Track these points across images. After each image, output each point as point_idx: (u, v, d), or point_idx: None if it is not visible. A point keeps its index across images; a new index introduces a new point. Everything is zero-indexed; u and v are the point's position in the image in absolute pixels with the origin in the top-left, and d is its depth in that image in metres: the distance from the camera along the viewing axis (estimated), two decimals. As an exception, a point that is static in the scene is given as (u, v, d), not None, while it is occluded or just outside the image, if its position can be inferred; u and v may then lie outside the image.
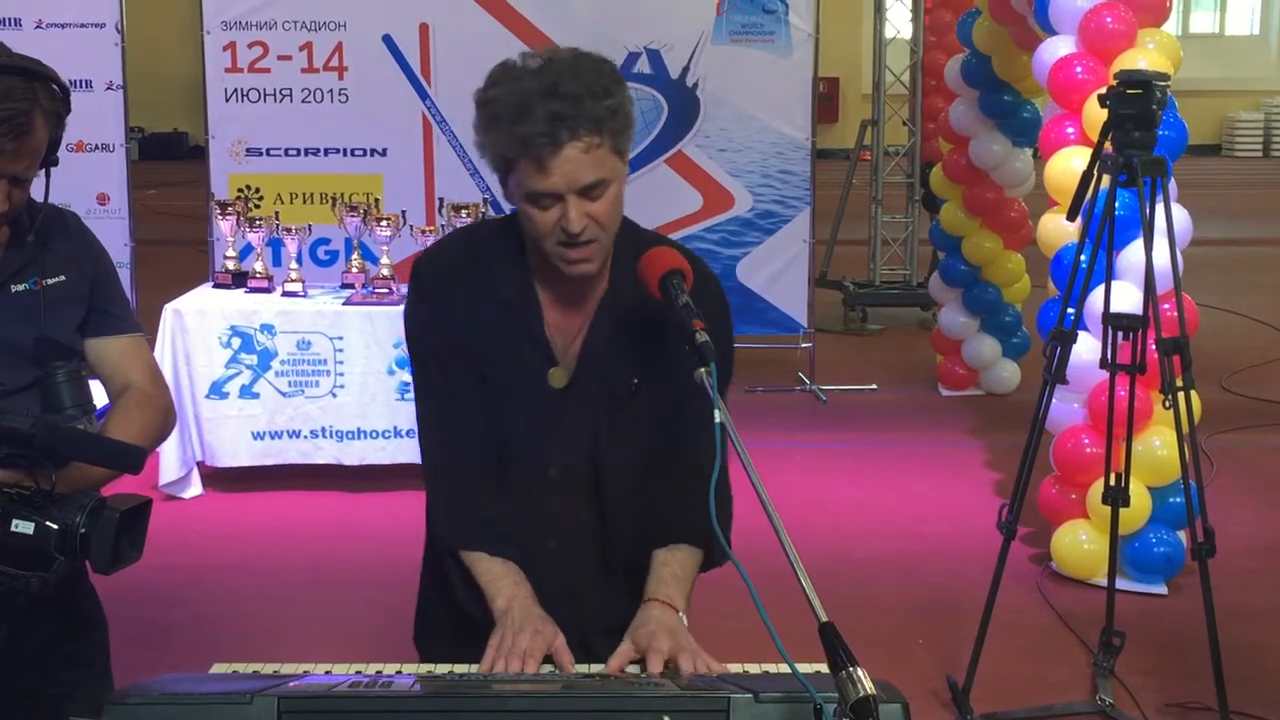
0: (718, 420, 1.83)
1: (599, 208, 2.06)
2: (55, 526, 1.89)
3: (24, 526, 1.88)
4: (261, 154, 7.12)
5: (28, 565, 1.91)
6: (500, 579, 2.18)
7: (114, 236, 6.71)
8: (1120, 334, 3.94)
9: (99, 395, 2.30)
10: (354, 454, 5.83)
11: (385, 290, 5.91)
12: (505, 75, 2.05)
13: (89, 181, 6.88)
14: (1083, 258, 3.97)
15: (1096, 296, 4.13)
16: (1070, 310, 3.98)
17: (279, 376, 5.79)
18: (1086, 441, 4.87)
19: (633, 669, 2.05)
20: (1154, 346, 3.85)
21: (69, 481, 1.99)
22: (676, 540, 2.22)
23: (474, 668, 2.08)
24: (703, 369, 1.89)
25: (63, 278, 2.25)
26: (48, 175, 2.19)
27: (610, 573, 2.29)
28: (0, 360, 2.17)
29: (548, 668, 2.07)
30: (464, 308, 2.20)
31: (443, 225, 6.05)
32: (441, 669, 2.02)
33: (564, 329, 2.22)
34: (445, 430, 2.26)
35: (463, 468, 2.24)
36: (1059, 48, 5.21)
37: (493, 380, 2.21)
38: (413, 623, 2.44)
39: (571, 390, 2.21)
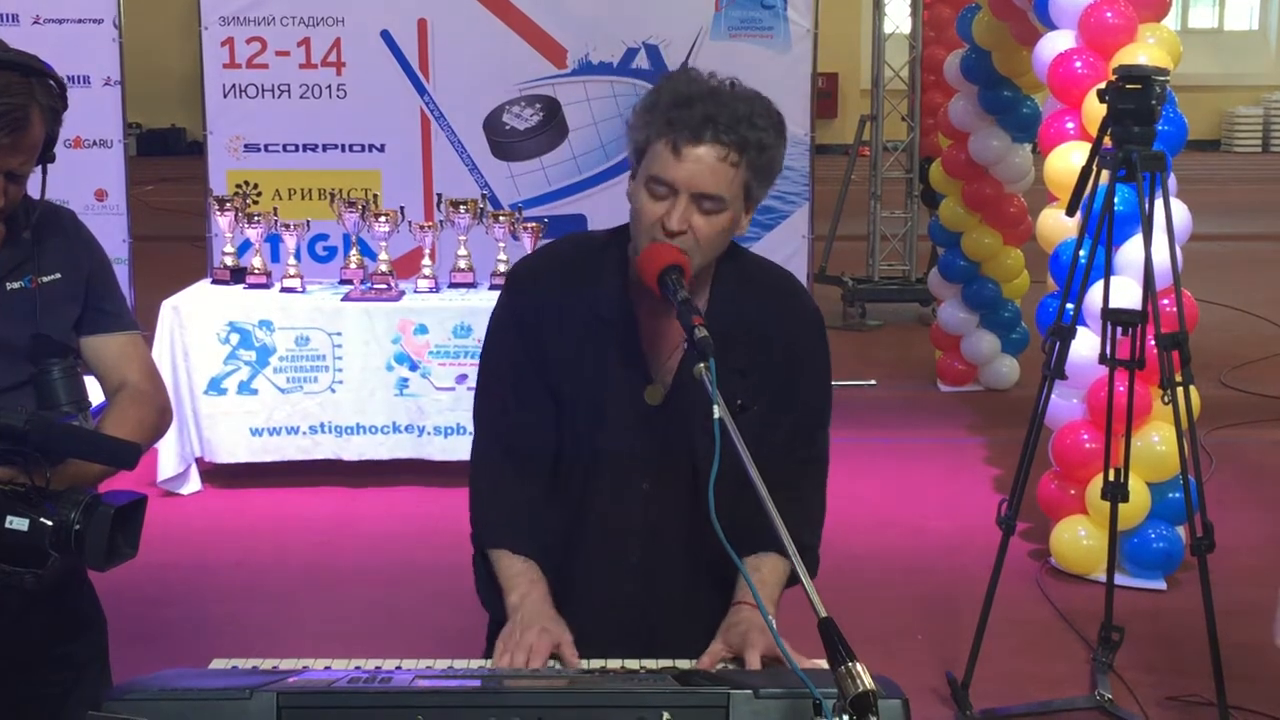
0: (716, 416, 1.85)
1: (703, 224, 2.09)
2: (50, 523, 1.88)
3: (18, 523, 1.88)
4: (259, 150, 7.10)
5: (22, 562, 1.90)
6: (517, 576, 2.20)
7: (112, 233, 6.69)
8: (1119, 329, 3.94)
9: (94, 393, 2.29)
10: (353, 449, 5.82)
11: (384, 286, 5.91)
12: (685, 74, 2.14)
13: (87, 177, 6.84)
14: (1082, 253, 3.97)
15: (1096, 292, 4.12)
16: (1069, 306, 3.98)
17: (277, 373, 5.78)
18: (1085, 437, 4.87)
19: (632, 664, 2.06)
20: (1153, 342, 3.85)
21: (64, 478, 1.98)
22: (766, 549, 2.21)
23: (486, 663, 2.09)
24: (701, 365, 1.90)
25: (58, 275, 2.25)
26: (44, 172, 2.18)
27: (697, 587, 2.29)
28: None
29: (553, 664, 2.07)
30: (556, 318, 2.23)
31: (441, 221, 6.05)
32: (441, 664, 2.02)
33: (662, 346, 2.24)
34: (497, 429, 2.28)
35: (505, 467, 2.27)
36: (1059, 43, 5.20)
37: (583, 395, 2.23)
38: (413, 617, 2.44)
39: (667, 406, 2.23)
